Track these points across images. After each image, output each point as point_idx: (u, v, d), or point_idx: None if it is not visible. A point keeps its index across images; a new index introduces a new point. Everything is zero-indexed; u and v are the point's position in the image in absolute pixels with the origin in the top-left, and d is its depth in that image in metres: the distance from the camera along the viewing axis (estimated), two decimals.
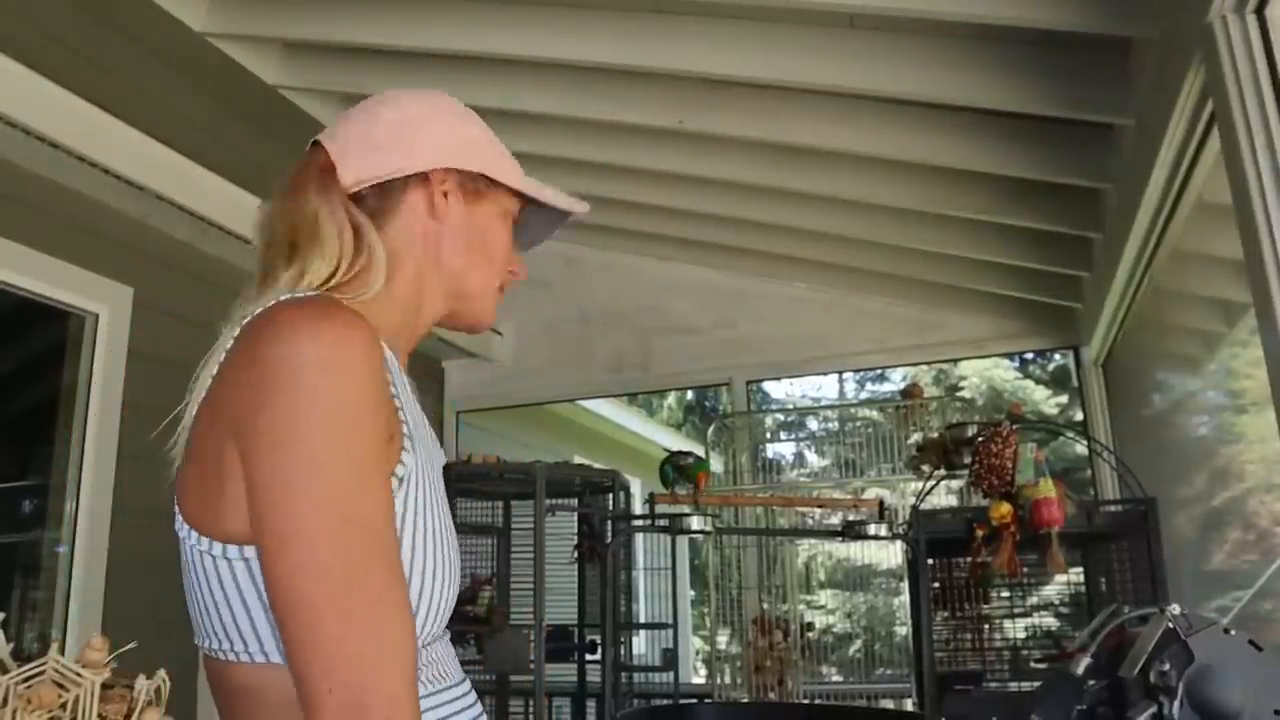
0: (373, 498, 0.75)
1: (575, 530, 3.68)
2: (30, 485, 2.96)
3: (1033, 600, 3.15)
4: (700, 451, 3.97)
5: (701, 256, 4.35)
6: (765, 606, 3.91)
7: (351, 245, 0.91)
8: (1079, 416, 4.29)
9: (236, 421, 0.77)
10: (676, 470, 3.42)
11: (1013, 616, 2.99)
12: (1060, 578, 2.84)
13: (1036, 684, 1.64)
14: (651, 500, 3.46)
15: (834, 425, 4.88)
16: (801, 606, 4.23)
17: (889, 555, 4.96)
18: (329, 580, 0.71)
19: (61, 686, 0.53)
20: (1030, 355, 11.22)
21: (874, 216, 3.54)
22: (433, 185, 0.99)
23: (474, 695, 0.92)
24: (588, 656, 3.61)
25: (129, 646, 0.62)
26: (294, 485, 0.73)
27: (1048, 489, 2.46)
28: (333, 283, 0.90)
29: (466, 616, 3.32)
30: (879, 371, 10.41)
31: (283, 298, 0.85)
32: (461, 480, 3.36)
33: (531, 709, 3.41)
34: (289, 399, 0.74)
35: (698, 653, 9.09)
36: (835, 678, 4.56)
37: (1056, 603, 3.37)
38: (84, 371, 2.70)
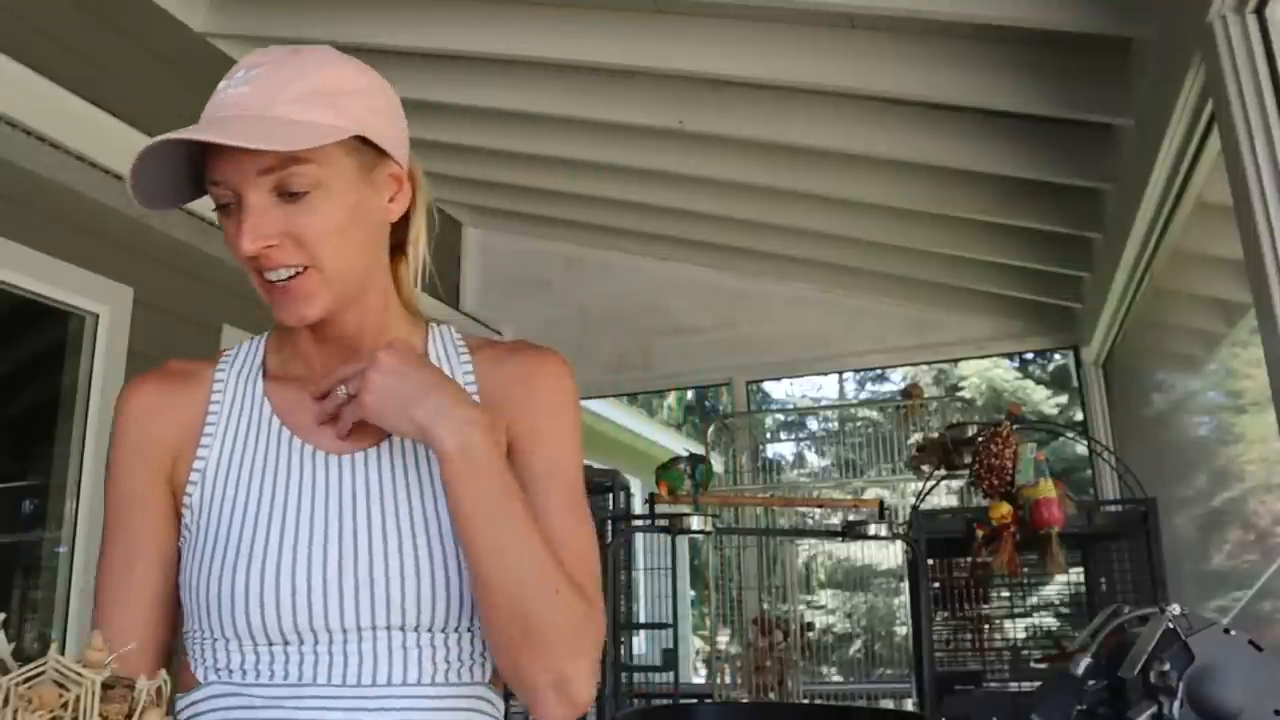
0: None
1: None
2: (30, 485, 2.96)
3: (1033, 600, 3.15)
4: (700, 451, 3.97)
5: (701, 256, 4.35)
6: (765, 607, 3.91)
7: None
8: (1079, 416, 4.29)
9: None
10: (658, 475, 3.42)
11: (1013, 616, 2.99)
12: (1060, 578, 2.84)
13: (1036, 684, 1.64)
14: (652, 500, 3.46)
15: (834, 425, 4.88)
16: (801, 607, 4.23)
17: (889, 555, 4.97)
18: None
19: (62, 686, 0.53)
20: (1030, 355, 11.23)
21: (874, 216, 3.54)
22: None
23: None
24: None
25: (130, 647, 0.63)
26: None
27: (1048, 489, 2.46)
28: None
29: None
30: (879, 371, 10.42)
31: None
32: None
33: None
34: None
35: (698, 653, 9.09)
36: (835, 678, 4.56)
37: (1056, 603, 3.37)
38: (84, 371, 2.70)
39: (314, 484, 0.93)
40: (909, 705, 3.64)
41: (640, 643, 4.59)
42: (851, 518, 3.27)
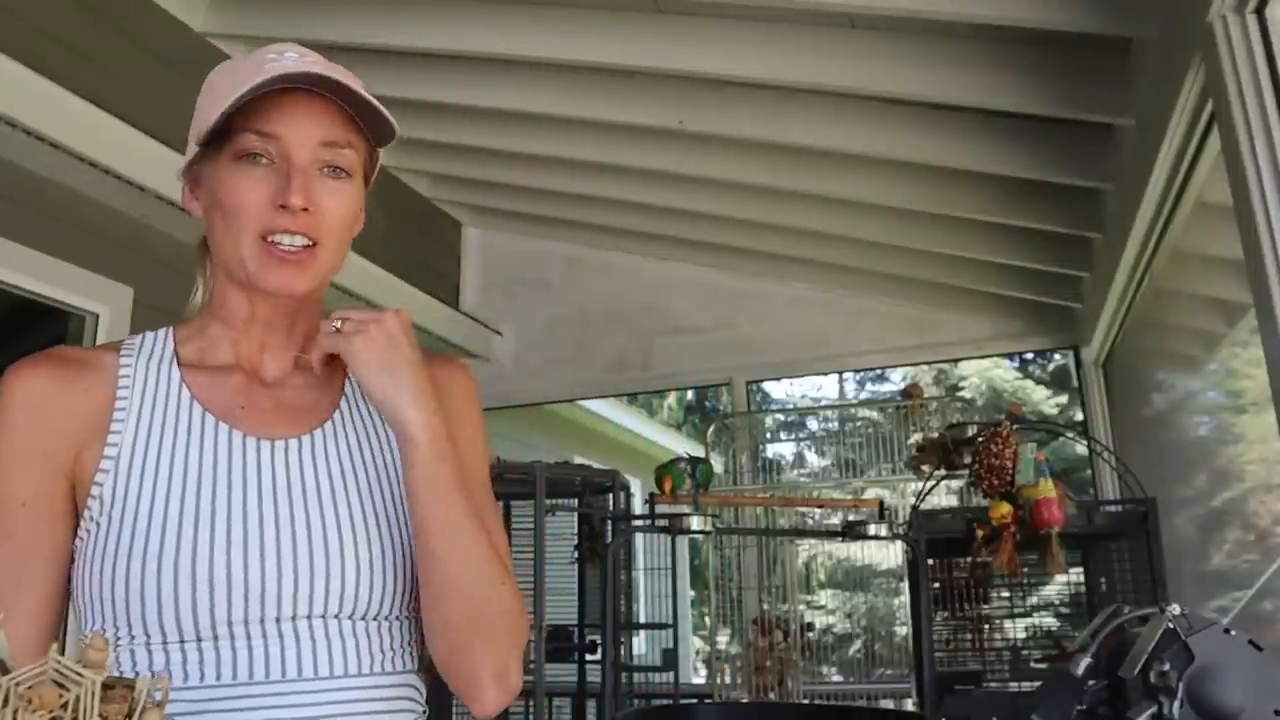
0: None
1: (575, 530, 3.68)
2: None
3: (1033, 600, 3.15)
4: (700, 452, 3.97)
5: (701, 256, 4.35)
6: (765, 607, 3.91)
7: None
8: (1079, 416, 4.29)
9: None
10: (661, 472, 3.43)
11: (1013, 616, 2.99)
12: (1060, 578, 2.84)
13: (1036, 684, 1.64)
14: (652, 500, 3.46)
15: (834, 425, 4.88)
16: (801, 607, 4.23)
17: (889, 555, 4.97)
18: None
19: (62, 686, 0.53)
20: (1030, 355, 11.22)
21: (874, 216, 3.54)
22: (184, 183, 0.98)
23: None
24: (588, 656, 3.61)
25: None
26: None
27: (1048, 489, 2.46)
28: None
29: None
30: (879, 371, 10.42)
31: None
32: None
33: (531, 709, 3.41)
34: None
35: (698, 653, 9.09)
36: (835, 678, 4.56)
37: (1056, 603, 3.37)
38: None
39: (244, 468, 0.89)
40: (909, 705, 3.64)
41: (640, 643, 4.60)
42: (851, 518, 3.27)
